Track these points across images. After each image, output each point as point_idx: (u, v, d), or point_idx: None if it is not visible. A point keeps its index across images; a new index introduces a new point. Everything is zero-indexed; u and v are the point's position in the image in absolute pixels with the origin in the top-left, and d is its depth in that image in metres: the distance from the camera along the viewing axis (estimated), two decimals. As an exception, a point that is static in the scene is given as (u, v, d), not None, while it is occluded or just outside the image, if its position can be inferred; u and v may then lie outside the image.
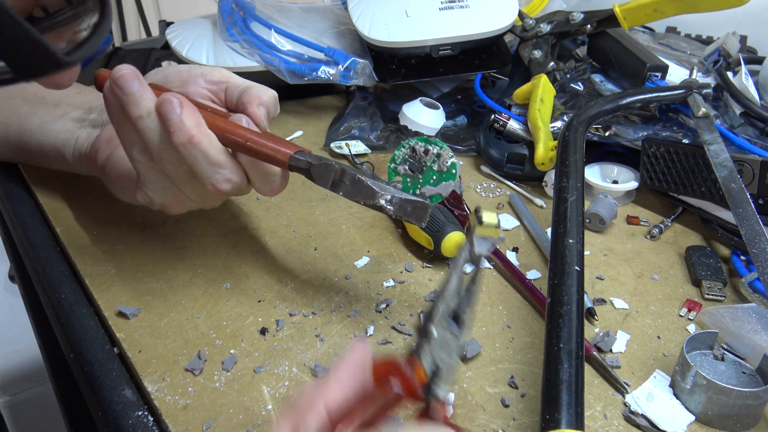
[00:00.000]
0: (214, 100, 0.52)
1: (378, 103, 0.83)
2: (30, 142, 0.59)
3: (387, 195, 0.42)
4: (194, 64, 0.51)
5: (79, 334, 0.45)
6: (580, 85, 0.73)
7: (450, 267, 0.37)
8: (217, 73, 0.52)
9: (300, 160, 0.43)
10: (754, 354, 0.43)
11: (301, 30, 0.81)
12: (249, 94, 0.49)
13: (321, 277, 0.53)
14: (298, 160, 0.43)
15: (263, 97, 0.49)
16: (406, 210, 0.41)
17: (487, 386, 0.43)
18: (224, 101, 0.51)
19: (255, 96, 0.48)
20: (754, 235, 0.49)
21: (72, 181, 0.63)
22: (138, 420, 0.39)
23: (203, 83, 0.51)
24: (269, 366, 0.44)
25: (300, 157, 0.43)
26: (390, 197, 0.42)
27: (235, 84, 0.51)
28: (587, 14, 0.72)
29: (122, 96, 0.42)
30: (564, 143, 0.56)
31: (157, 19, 2.36)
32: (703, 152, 0.58)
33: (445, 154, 0.43)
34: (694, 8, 0.66)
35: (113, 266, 0.52)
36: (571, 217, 0.48)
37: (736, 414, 0.39)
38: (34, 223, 0.59)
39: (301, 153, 0.44)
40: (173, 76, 0.52)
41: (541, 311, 0.50)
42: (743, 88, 0.64)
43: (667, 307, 0.51)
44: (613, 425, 0.40)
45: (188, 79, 0.52)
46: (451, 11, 0.76)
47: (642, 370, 0.44)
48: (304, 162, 0.43)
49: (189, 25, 0.85)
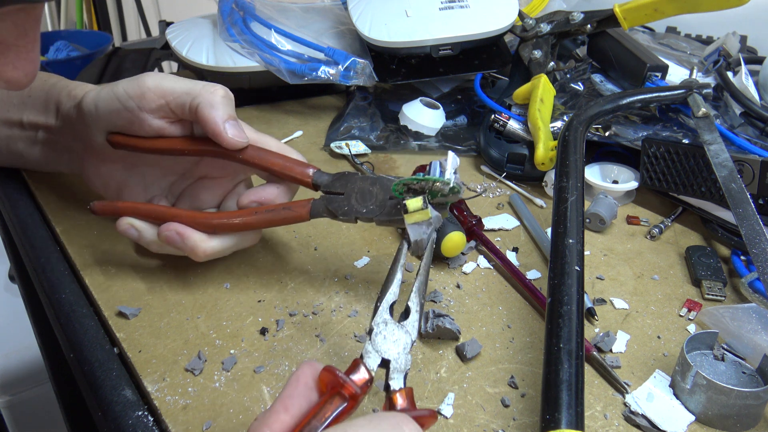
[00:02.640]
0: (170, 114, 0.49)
1: (378, 103, 0.83)
2: (24, 160, 0.60)
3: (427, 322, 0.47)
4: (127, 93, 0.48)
5: (79, 334, 0.45)
6: (580, 85, 0.73)
7: (392, 263, 0.39)
8: (156, 93, 0.48)
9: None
10: (754, 354, 0.43)
11: (301, 30, 0.81)
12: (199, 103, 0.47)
13: (321, 277, 0.53)
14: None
15: (215, 100, 0.47)
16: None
17: (487, 386, 0.43)
18: (177, 113, 0.49)
19: (206, 103, 0.46)
20: (754, 235, 0.49)
21: (72, 181, 0.63)
22: (138, 420, 0.39)
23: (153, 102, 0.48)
24: (269, 366, 0.44)
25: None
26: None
27: (180, 98, 0.48)
28: (587, 14, 0.72)
29: (176, 247, 0.48)
30: (564, 143, 0.56)
31: (157, 19, 2.36)
32: (703, 152, 0.58)
33: (441, 185, 0.43)
34: (694, 8, 0.66)
35: (113, 266, 0.52)
36: (571, 217, 0.48)
37: (736, 414, 0.39)
38: (34, 223, 0.59)
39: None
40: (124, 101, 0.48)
41: (541, 311, 0.50)
42: (743, 88, 0.64)
43: (667, 307, 0.51)
44: (613, 425, 0.40)
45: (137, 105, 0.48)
46: (451, 11, 0.76)
47: (642, 370, 0.44)
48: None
49: (189, 25, 0.86)
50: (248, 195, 0.49)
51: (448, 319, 0.46)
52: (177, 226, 0.47)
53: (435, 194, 0.44)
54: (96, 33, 1.11)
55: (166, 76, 0.49)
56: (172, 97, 0.47)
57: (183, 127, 0.50)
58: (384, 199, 0.46)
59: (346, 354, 0.45)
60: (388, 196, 0.46)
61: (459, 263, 0.55)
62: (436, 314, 0.46)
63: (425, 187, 0.44)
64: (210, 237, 0.48)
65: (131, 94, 0.47)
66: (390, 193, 0.46)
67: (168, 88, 0.47)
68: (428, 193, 0.44)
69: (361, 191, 0.47)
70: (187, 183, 0.55)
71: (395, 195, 0.45)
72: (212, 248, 0.48)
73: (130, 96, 0.47)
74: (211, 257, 0.49)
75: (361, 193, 0.47)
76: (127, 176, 0.53)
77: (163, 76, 0.49)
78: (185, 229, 0.47)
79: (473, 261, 0.56)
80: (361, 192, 0.47)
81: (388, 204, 0.46)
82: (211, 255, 0.48)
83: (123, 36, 2.44)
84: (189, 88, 0.47)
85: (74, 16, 2.27)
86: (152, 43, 1.03)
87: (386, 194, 0.46)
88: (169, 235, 0.47)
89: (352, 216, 0.47)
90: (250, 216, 0.48)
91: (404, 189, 0.44)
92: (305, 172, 0.48)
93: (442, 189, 0.43)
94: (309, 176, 0.48)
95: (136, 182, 0.53)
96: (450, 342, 0.46)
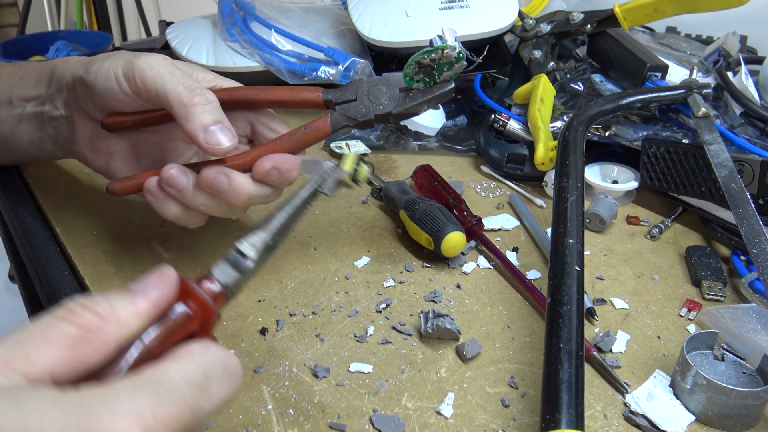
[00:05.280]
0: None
1: (378, 103, 0.83)
2: (7, 146, 0.59)
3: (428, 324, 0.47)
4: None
5: (79, 334, 0.45)
6: (580, 85, 0.73)
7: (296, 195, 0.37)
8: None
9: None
10: (754, 354, 0.43)
11: (301, 30, 0.81)
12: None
13: (321, 277, 0.53)
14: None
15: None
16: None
17: (487, 386, 0.43)
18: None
19: (182, 116, 0.45)
20: (754, 235, 0.49)
21: (72, 181, 0.63)
22: (138, 420, 0.39)
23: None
24: (269, 366, 0.44)
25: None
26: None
27: (160, 99, 0.46)
28: (587, 14, 0.72)
29: (174, 191, 0.46)
30: (564, 143, 0.56)
31: (157, 19, 2.36)
32: (703, 152, 0.58)
33: (449, 51, 0.46)
34: (694, 8, 0.66)
35: (113, 266, 0.52)
36: (571, 217, 0.48)
37: (736, 414, 0.39)
38: (34, 223, 0.59)
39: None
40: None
41: (541, 311, 0.50)
42: (743, 88, 0.64)
43: (667, 307, 0.51)
44: (613, 425, 0.40)
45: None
46: (451, 11, 0.76)
47: (642, 370, 0.44)
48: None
49: (189, 25, 0.86)
50: (263, 160, 0.47)
51: (448, 319, 0.46)
52: (220, 167, 0.46)
53: (442, 68, 0.46)
54: (96, 33, 1.11)
55: (159, 64, 0.46)
56: (155, 96, 0.46)
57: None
58: (395, 93, 0.48)
59: (346, 354, 0.45)
60: (398, 89, 0.48)
61: (459, 263, 0.55)
62: (436, 314, 0.46)
63: (435, 58, 0.46)
64: (249, 180, 0.46)
65: (127, 76, 0.47)
66: (400, 85, 0.48)
67: (152, 86, 0.46)
68: (437, 67, 0.46)
69: (371, 92, 0.49)
70: (191, 150, 0.54)
71: (406, 82, 0.48)
72: (255, 190, 0.46)
73: (126, 79, 0.47)
74: (254, 201, 0.47)
75: (372, 93, 0.49)
76: (119, 141, 0.52)
77: (157, 63, 0.46)
78: (229, 171, 0.46)
79: (473, 261, 0.56)
80: (372, 92, 0.49)
81: (400, 96, 0.48)
82: (255, 198, 0.46)
83: (123, 36, 2.44)
84: (170, 91, 0.45)
85: (74, 16, 2.27)
86: (152, 43, 1.03)
87: (396, 88, 0.48)
88: (215, 176, 0.45)
89: (371, 114, 0.48)
90: (275, 144, 0.48)
91: (415, 70, 0.47)
92: (313, 94, 0.49)
93: (450, 55, 0.45)
94: (318, 95, 0.49)
95: (128, 149, 0.52)
96: (450, 342, 0.46)
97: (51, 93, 0.54)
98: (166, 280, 0.28)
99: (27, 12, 2.08)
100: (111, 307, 0.26)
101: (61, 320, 0.25)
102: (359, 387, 0.42)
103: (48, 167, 0.67)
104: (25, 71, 0.56)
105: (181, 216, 0.48)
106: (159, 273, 0.29)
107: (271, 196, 0.48)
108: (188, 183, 0.46)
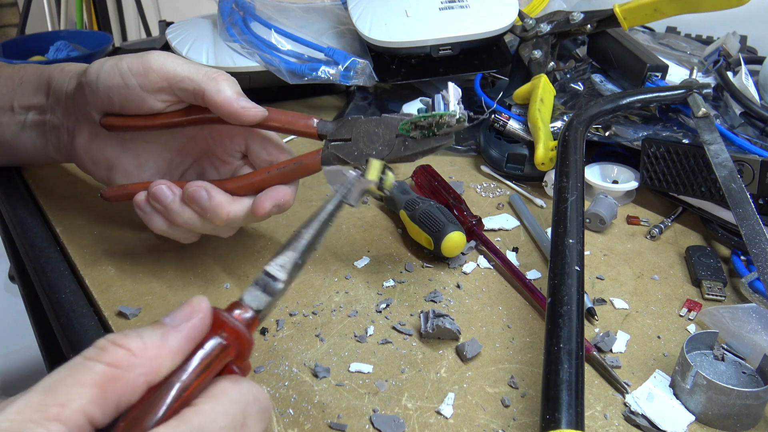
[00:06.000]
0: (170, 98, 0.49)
1: (378, 103, 0.83)
2: (11, 151, 0.59)
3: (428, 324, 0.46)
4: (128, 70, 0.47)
5: (79, 334, 0.45)
6: (580, 85, 0.73)
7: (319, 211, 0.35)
8: (161, 74, 0.47)
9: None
10: (754, 354, 0.43)
11: (301, 30, 0.81)
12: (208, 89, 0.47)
13: (321, 277, 0.53)
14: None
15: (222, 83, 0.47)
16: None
17: (487, 386, 0.43)
18: (179, 97, 0.49)
19: (213, 89, 0.47)
20: (754, 235, 0.49)
21: (72, 181, 0.63)
22: (138, 420, 0.39)
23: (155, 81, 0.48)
24: (269, 366, 0.44)
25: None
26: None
27: (182, 83, 0.47)
28: (587, 14, 0.72)
29: (160, 207, 0.48)
30: (564, 143, 0.56)
31: (157, 19, 2.36)
32: (703, 152, 0.58)
33: (448, 118, 0.44)
34: (694, 8, 0.66)
35: (113, 266, 0.52)
36: (571, 217, 0.48)
37: (736, 414, 0.39)
38: (34, 223, 0.59)
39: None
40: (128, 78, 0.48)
41: (541, 311, 0.50)
42: (743, 88, 0.64)
43: (667, 307, 0.51)
44: (613, 425, 0.40)
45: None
46: (451, 11, 0.76)
47: (642, 370, 0.44)
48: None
49: (189, 25, 0.85)
50: (263, 199, 0.47)
51: (448, 319, 0.46)
52: (204, 183, 0.47)
53: (441, 126, 0.44)
54: (96, 33, 1.11)
55: (170, 56, 0.48)
56: (174, 81, 0.47)
57: (180, 107, 0.50)
58: (391, 138, 0.46)
59: (346, 354, 0.45)
60: (394, 135, 0.46)
61: (459, 263, 0.55)
62: (436, 314, 0.46)
63: (432, 122, 0.44)
64: (233, 200, 0.47)
65: (135, 71, 0.47)
66: (396, 131, 0.46)
67: (171, 72, 0.47)
68: (435, 126, 0.44)
69: (367, 134, 0.47)
70: (187, 162, 0.54)
71: (402, 133, 0.45)
72: (235, 211, 0.47)
73: (133, 74, 0.47)
74: (231, 223, 0.48)
75: (368, 135, 0.47)
76: (119, 153, 0.52)
77: (168, 56, 0.48)
78: (212, 187, 0.47)
79: (473, 261, 0.56)
80: (368, 134, 0.47)
81: (395, 142, 0.46)
82: (233, 219, 0.47)
83: (123, 36, 2.44)
84: (192, 73, 0.47)
85: (74, 16, 2.27)
86: (152, 43, 1.03)
87: (392, 133, 0.47)
88: (196, 191, 0.46)
89: (362, 159, 0.46)
90: (263, 175, 0.48)
91: (411, 127, 0.45)
92: (308, 124, 0.48)
93: (449, 121, 0.44)
94: (313, 127, 0.48)
95: (128, 159, 0.52)
96: (450, 342, 0.46)
97: (51, 103, 0.55)
98: (198, 311, 0.28)
99: (27, 12, 2.08)
100: (143, 343, 0.26)
101: (92, 359, 0.25)
102: (359, 387, 0.42)
103: (48, 167, 0.67)
104: (24, 75, 0.57)
105: (169, 231, 0.49)
106: (190, 304, 0.28)
107: (253, 219, 0.48)
108: (174, 199, 0.47)
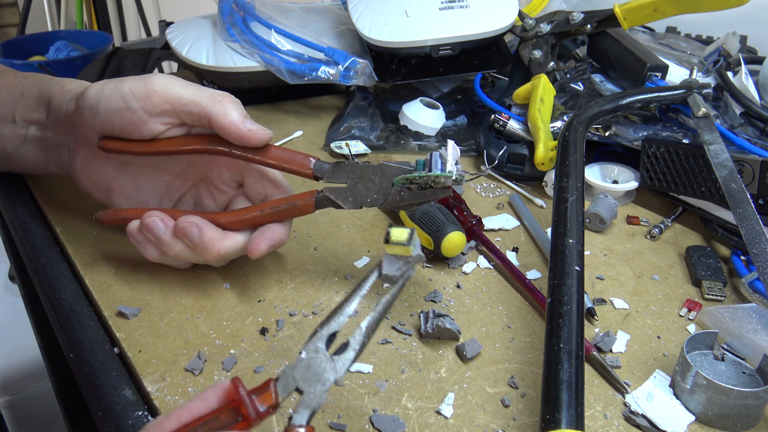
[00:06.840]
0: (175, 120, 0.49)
1: (378, 103, 0.83)
2: (12, 162, 0.59)
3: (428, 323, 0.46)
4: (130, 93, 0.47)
5: (79, 334, 0.46)
6: (580, 85, 0.73)
7: (354, 288, 0.35)
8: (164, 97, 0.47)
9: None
10: (754, 354, 0.43)
11: (301, 30, 0.81)
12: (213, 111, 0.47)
13: (321, 277, 0.53)
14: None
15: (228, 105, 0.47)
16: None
17: (487, 386, 0.43)
18: (183, 120, 0.49)
19: (219, 112, 0.47)
20: (754, 235, 0.49)
21: (72, 182, 0.63)
22: (138, 420, 0.39)
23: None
24: (269, 366, 0.44)
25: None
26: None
27: (187, 106, 0.48)
28: (587, 14, 0.72)
29: (152, 237, 0.48)
30: (564, 143, 0.56)
31: (157, 19, 2.36)
32: (703, 152, 0.58)
33: (444, 179, 0.44)
34: (694, 8, 0.66)
35: (113, 266, 0.52)
36: (571, 217, 0.48)
37: (736, 414, 0.39)
38: (34, 223, 0.59)
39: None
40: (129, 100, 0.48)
41: (541, 311, 0.50)
42: (743, 88, 0.64)
43: (667, 307, 0.51)
44: (613, 425, 0.40)
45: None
46: (451, 11, 0.76)
47: (642, 370, 0.44)
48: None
49: (189, 25, 0.85)
50: (258, 240, 0.47)
51: (448, 319, 0.46)
52: (196, 218, 0.47)
53: (438, 185, 0.44)
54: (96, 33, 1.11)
55: (173, 79, 0.48)
56: (179, 105, 0.47)
57: (181, 131, 0.50)
58: (387, 186, 0.46)
59: (346, 354, 0.45)
60: (390, 183, 0.46)
61: (459, 263, 0.55)
62: (436, 314, 0.46)
63: (427, 181, 0.44)
64: (224, 236, 0.47)
65: (137, 94, 0.47)
66: (393, 179, 0.46)
67: (176, 95, 0.47)
68: (431, 183, 0.44)
69: (363, 180, 0.47)
70: (185, 186, 0.54)
71: (398, 185, 0.45)
72: (226, 248, 0.47)
73: (135, 96, 0.47)
74: (223, 259, 0.49)
75: (364, 181, 0.47)
76: (118, 175, 0.52)
77: (171, 79, 0.48)
78: (204, 222, 0.47)
79: (473, 261, 0.56)
80: (363, 181, 0.47)
81: (391, 191, 0.46)
82: (224, 255, 0.48)
83: (123, 36, 2.44)
84: (197, 96, 0.47)
85: (74, 16, 2.27)
86: (152, 43, 1.03)
87: (388, 181, 0.46)
88: (187, 227, 0.46)
89: (356, 206, 0.47)
90: (256, 213, 0.48)
91: (407, 183, 0.45)
92: (305, 164, 0.48)
93: (445, 183, 0.44)
94: (309, 168, 0.48)
95: (127, 182, 0.53)
96: (450, 342, 0.46)
97: (51, 122, 0.54)
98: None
99: (27, 12, 2.08)
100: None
101: None
102: (359, 387, 0.42)
103: (48, 167, 0.67)
104: (25, 86, 0.56)
105: (162, 260, 0.50)
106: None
107: (244, 254, 0.49)
108: (166, 231, 0.47)
